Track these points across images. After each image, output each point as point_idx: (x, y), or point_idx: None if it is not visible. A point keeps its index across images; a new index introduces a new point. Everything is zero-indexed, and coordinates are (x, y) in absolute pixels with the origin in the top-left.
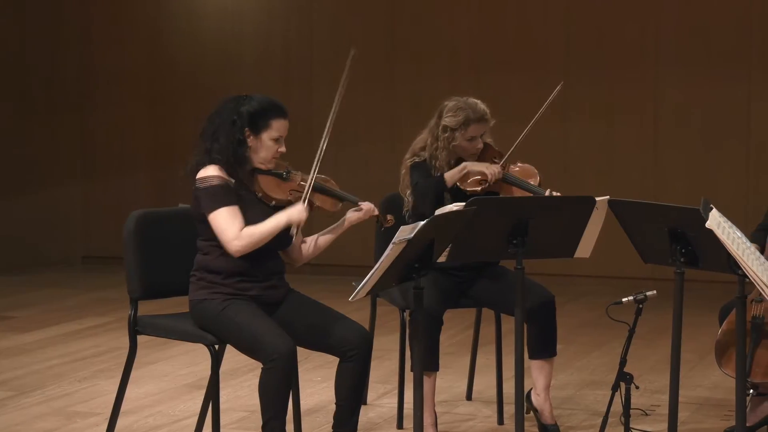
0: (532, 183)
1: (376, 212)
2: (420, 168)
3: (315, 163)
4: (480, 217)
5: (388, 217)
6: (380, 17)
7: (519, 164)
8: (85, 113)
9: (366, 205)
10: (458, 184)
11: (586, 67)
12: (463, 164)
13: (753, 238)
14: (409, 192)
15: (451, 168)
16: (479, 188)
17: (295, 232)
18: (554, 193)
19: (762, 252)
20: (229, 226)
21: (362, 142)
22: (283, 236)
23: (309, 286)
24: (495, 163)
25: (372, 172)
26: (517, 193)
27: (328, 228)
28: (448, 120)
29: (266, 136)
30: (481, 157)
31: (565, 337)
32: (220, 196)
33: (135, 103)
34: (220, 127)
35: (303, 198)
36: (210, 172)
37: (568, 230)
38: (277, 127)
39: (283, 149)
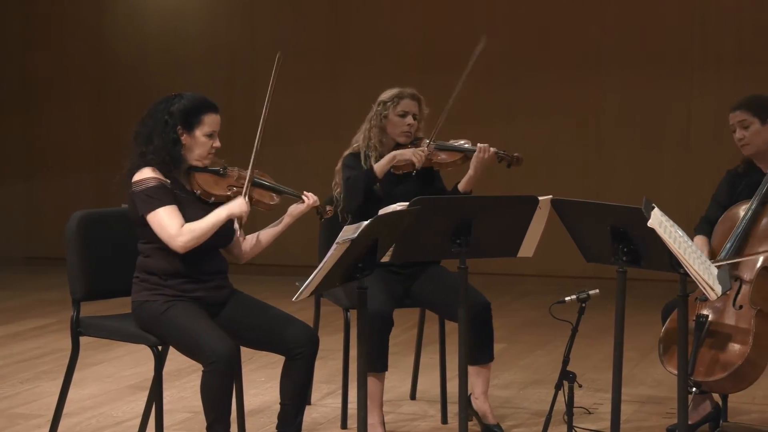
0: (461, 143)
1: (318, 203)
2: (350, 161)
3: (252, 158)
4: (424, 217)
5: (328, 207)
6: (324, 17)
7: (453, 141)
8: (29, 113)
9: (307, 197)
10: (392, 170)
11: (529, 68)
12: (392, 154)
13: (698, 230)
14: (338, 190)
15: (384, 147)
16: (403, 164)
17: (238, 226)
18: (488, 146)
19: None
20: (169, 224)
21: (306, 141)
22: (225, 234)
23: (253, 286)
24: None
25: (315, 172)
26: (450, 157)
27: (272, 224)
28: (382, 96)
29: (199, 133)
30: (413, 143)
31: (509, 336)
32: (157, 197)
33: (78, 103)
34: (154, 129)
35: (243, 192)
36: (145, 174)
37: (511, 230)
38: (209, 122)
39: (217, 144)
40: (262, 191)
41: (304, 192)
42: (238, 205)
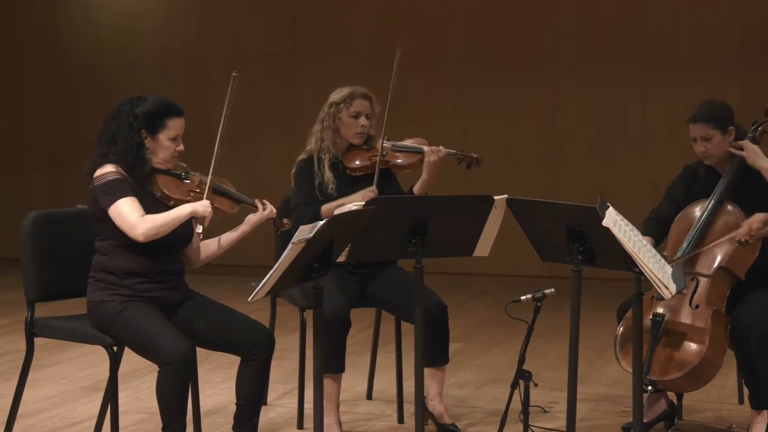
0: (415, 144)
1: (274, 213)
2: (302, 170)
3: (212, 165)
4: (379, 217)
5: (285, 221)
6: (280, 17)
7: (409, 139)
8: None
9: (263, 205)
10: (345, 165)
11: (484, 66)
12: (342, 201)
13: (645, 226)
14: (292, 197)
15: (337, 148)
16: (359, 165)
17: (201, 230)
18: (440, 148)
19: (657, 244)
20: (129, 213)
21: (262, 141)
22: (184, 234)
23: (208, 286)
24: (372, 148)
25: (271, 172)
26: (408, 159)
27: (230, 231)
28: (333, 97)
29: (163, 137)
30: (366, 145)
31: (465, 335)
32: (118, 189)
33: (31, 102)
34: (118, 131)
35: (206, 193)
36: (107, 169)
37: (467, 229)
38: (174, 126)
39: (181, 147)
40: (222, 199)
41: (263, 200)
42: (202, 205)
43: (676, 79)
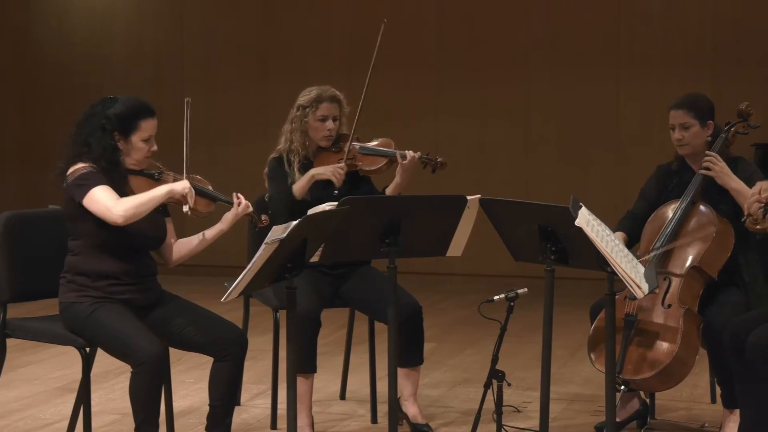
0: (386, 148)
1: (250, 208)
2: (273, 168)
3: (185, 165)
4: (352, 217)
5: (263, 217)
6: (253, 17)
7: (377, 139)
8: None
9: (240, 199)
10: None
11: (458, 67)
12: (309, 173)
13: (619, 224)
14: (267, 196)
15: (307, 150)
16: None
17: (188, 209)
18: (409, 153)
19: (630, 243)
20: (105, 198)
21: (235, 140)
22: (156, 237)
23: (181, 287)
24: (341, 151)
25: (245, 171)
26: (375, 163)
27: (207, 230)
28: (301, 100)
29: (136, 138)
30: (335, 144)
31: (438, 335)
32: (92, 179)
33: (3, 102)
34: (91, 134)
35: (183, 177)
36: (79, 165)
37: (440, 229)
38: (146, 127)
39: (154, 148)
40: (198, 198)
41: (237, 194)
42: (180, 185)
43: (648, 79)
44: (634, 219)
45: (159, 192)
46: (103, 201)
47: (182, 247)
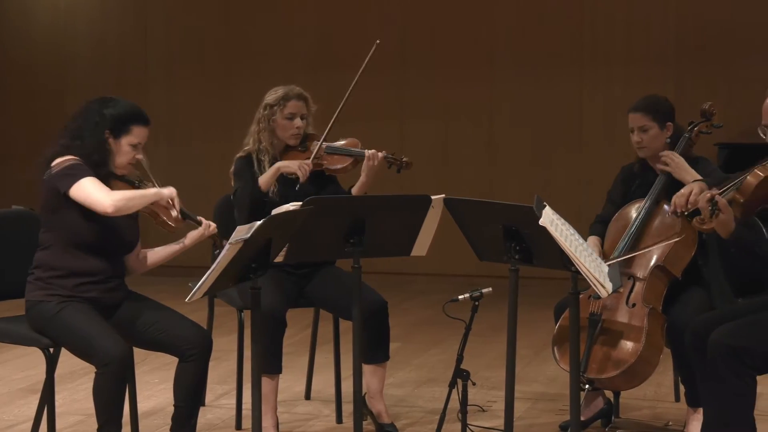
0: (352, 148)
1: (215, 231)
2: (239, 167)
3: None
4: (317, 217)
5: (225, 242)
6: (216, 17)
7: (343, 139)
8: None
9: (206, 223)
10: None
11: (421, 67)
12: (275, 166)
13: (590, 230)
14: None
15: (275, 149)
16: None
17: (175, 213)
18: (375, 152)
19: (602, 245)
20: (96, 188)
21: (198, 141)
22: (129, 241)
23: (147, 287)
24: (308, 150)
25: (208, 172)
26: (341, 162)
27: (169, 244)
28: (268, 99)
29: (125, 141)
30: (302, 144)
31: (403, 335)
32: (80, 170)
33: None
34: (83, 128)
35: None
36: (68, 157)
37: (404, 229)
38: (138, 133)
39: (140, 156)
40: (168, 212)
41: (204, 219)
42: (168, 189)
43: (612, 78)
44: (603, 223)
45: (148, 192)
46: (94, 192)
47: (146, 259)
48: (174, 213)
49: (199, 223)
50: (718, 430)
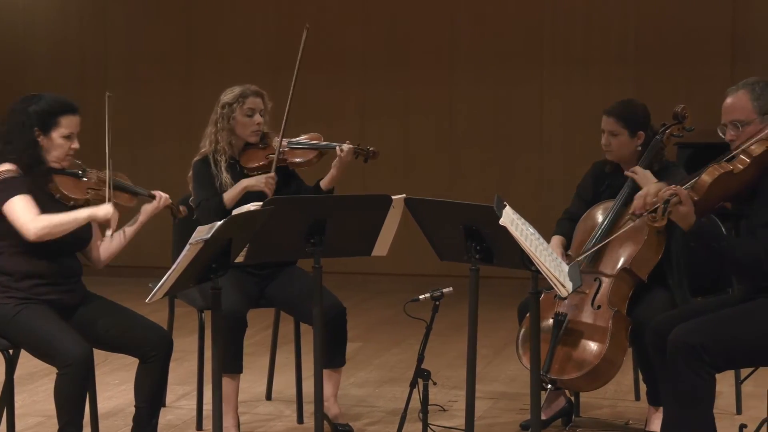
0: (311, 140)
1: (170, 201)
2: (199, 170)
3: (107, 161)
4: (277, 217)
5: (181, 207)
6: (177, 17)
7: (305, 135)
8: None
9: (159, 195)
10: (243, 166)
11: (382, 67)
12: (241, 184)
13: (557, 225)
14: (191, 199)
15: (233, 148)
16: (257, 166)
17: (111, 232)
18: (345, 145)
19: (568, 243)
20: (24, 210)
21: (160, 141)
22: (82, 236)
23: (106, 287)
24: (268, 146)
25: (169, 172)
26: (305, 156)
27: (128, 223)
28: (225, 98)
29: (56, 135)
30: (262, 143)
31: (364, 334)
32: (13, 187)
33: None
34: (12, 130)
35: (107, 197)
36: (2, 168)
37: (365, 229)
38: (67, 124)
39: (76, 146)
40: (120, 193)
41: (156, 191)
42: (102, 210)
43: (571, 79)
44: (571, 219)
45: (79, 216)
46: (21, 214)
47: (107, 246)
48: (108, 232)
49: (153, 197)
50: (677, 427)
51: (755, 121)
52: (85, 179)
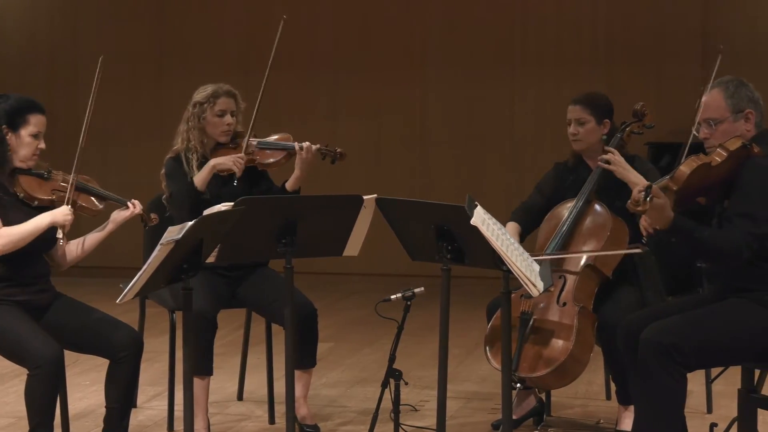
0: (281, 140)
1: (141, 210)
2: (171, 167)
3: (75, 162)
4: (249, 217)
5: (152, 215)
6: (147, 17)
7: (275, 135)
8: None
9: (132, 203)
10: (218, 171)
11: (353, 67)
12: (210, 164)
13: (512, 215)
14: (165, 195)
15: (204, 147)
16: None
17: (61, 235)
18: (307, 144)
19: (524, 234)
20: None
21: (131, 142)
22: (46, 238)
23: (77, 288)
24: (239, 147)
25: (140, 173)
26: (274, 156)
27: (95, 230)
28: (197, 97)
29: (24, 133)
30: (233, 143)
31: (336, 334)
32: None
33: None
34: None
35: (66, 199)
36: None
37: (336, 229)
38: (35, 122)
39: (42, 145)
40: (86, 196)
41: (131, 200)
42: (61, 214)
43: (543, 79)
44: (527, 211)
45: (41, 222)
46: None
47: (73, 249)
48: (59, 234)
49: (122, 202)
50: (648, 427)
51: (728, 119)
52: (50, 180)
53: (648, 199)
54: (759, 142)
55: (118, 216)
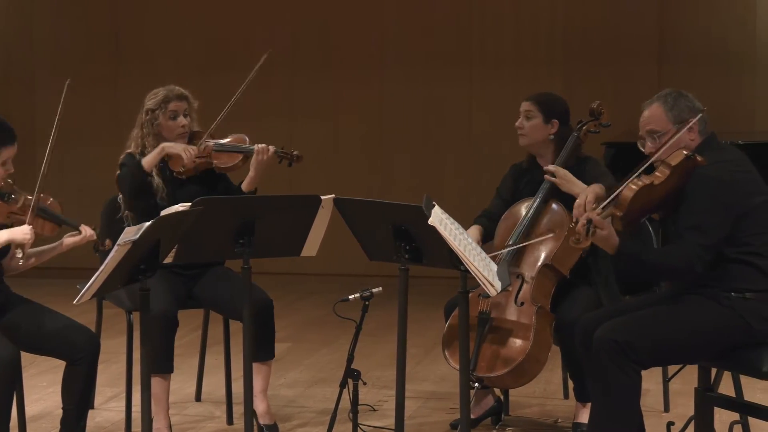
0: (240, 144)
1: (94, 237)
2: (126, 160)
3: (37, 185)
4: (206, 217)
5: (107, 242)
6: (104, 17)
7: (230, 136)
8: None
9: (85, 230)
10: (172, 169)
11: (310, 67)
12: (160, 146)
13: (474, 221)
14: (120, 197)
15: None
16: (184, 169)
17: (21, 254)
18: (268, 147)
19: (485, 239)
20: None
21: (87, 143)
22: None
23: (33, 289)
24: (197, 158)
25: (97, 174)
26: (231, 159)
27: (44, 247)
28: (148, 104)
29: None
30: (190, 142)
31: (294, 335)
32: None
33: None
34: None
35: (27, 220)
36: None
37: (294, 229)
38: (6, 153)
39: (11, 170)
40: (44, 222)
41: (83, 225)
42: (21, 232)
43: (501, 78)
44: (489, 217)
45: None
46: None
47: (19, 261)
48: (19, 253)
49: (76, 228)
50: (604, 423)
51: (671, 131)
52: (10, 203)
53: (590, 233)
54: (706, 149)
55: (69, 241)
